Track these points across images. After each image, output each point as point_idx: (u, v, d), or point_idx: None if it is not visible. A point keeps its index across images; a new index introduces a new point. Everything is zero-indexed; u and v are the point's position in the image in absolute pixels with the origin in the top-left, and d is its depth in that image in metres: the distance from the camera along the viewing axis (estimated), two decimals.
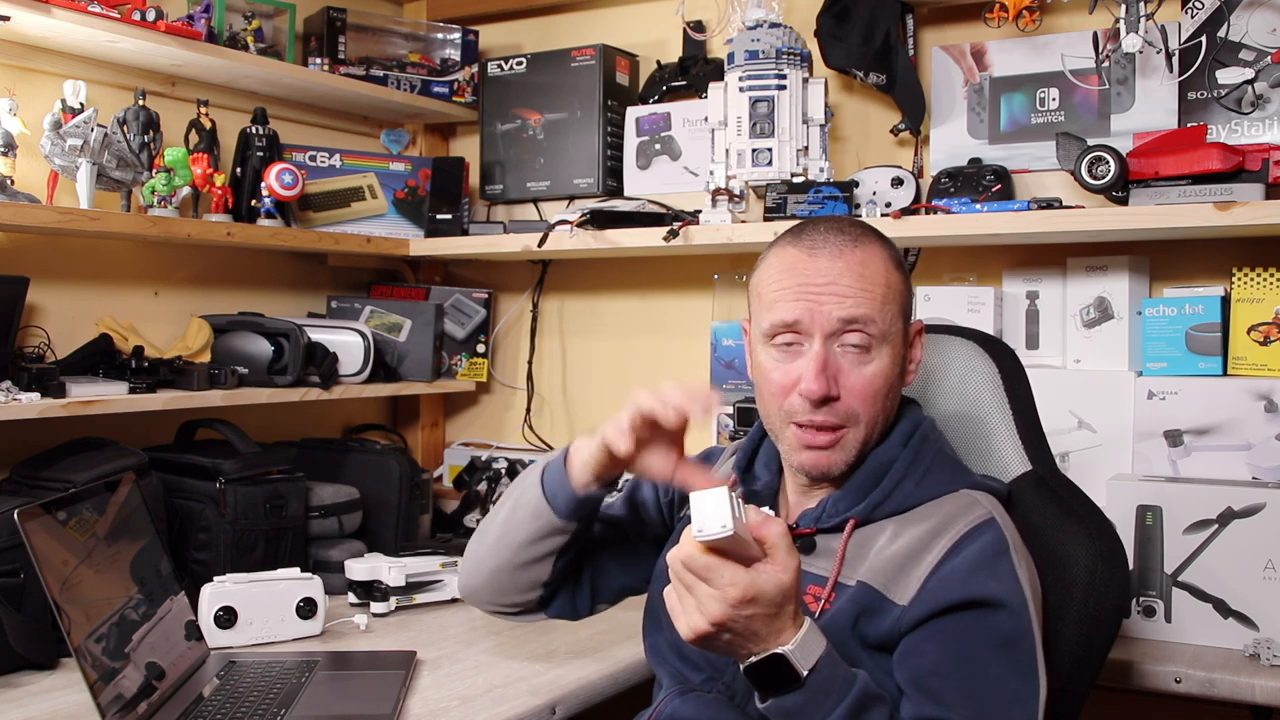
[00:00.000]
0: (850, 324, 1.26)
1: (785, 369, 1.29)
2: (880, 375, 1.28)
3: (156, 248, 2.24)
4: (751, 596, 1.06)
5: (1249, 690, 1.53)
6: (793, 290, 1.28)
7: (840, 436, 1.28)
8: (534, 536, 1.42)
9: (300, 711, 1.45)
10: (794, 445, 1.30)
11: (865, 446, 1.30)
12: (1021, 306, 2.08)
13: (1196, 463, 1.81)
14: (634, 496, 1.56)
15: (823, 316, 1.26)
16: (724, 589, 1.05)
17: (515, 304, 2.71)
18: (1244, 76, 1.86)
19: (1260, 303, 1.82)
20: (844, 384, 1.27)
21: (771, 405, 1.32)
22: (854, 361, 1.27)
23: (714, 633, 1.07)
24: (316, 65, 2.39)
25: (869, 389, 1.27)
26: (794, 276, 1.28)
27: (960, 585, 1.19)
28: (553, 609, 1.52)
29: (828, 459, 1.29)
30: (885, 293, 1.28)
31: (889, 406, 1.31)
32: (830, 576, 1.27)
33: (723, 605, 1.06)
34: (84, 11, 1.88)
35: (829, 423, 1.27)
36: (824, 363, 1.26)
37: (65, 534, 1.41)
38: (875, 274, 1.28)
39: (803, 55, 2.10)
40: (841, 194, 2.02)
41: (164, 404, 1.95)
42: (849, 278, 1.27)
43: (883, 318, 1.27)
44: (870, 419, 1.29)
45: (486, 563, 1.48)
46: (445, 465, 2.74)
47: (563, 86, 2.50)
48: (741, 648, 1.09)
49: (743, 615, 1.06)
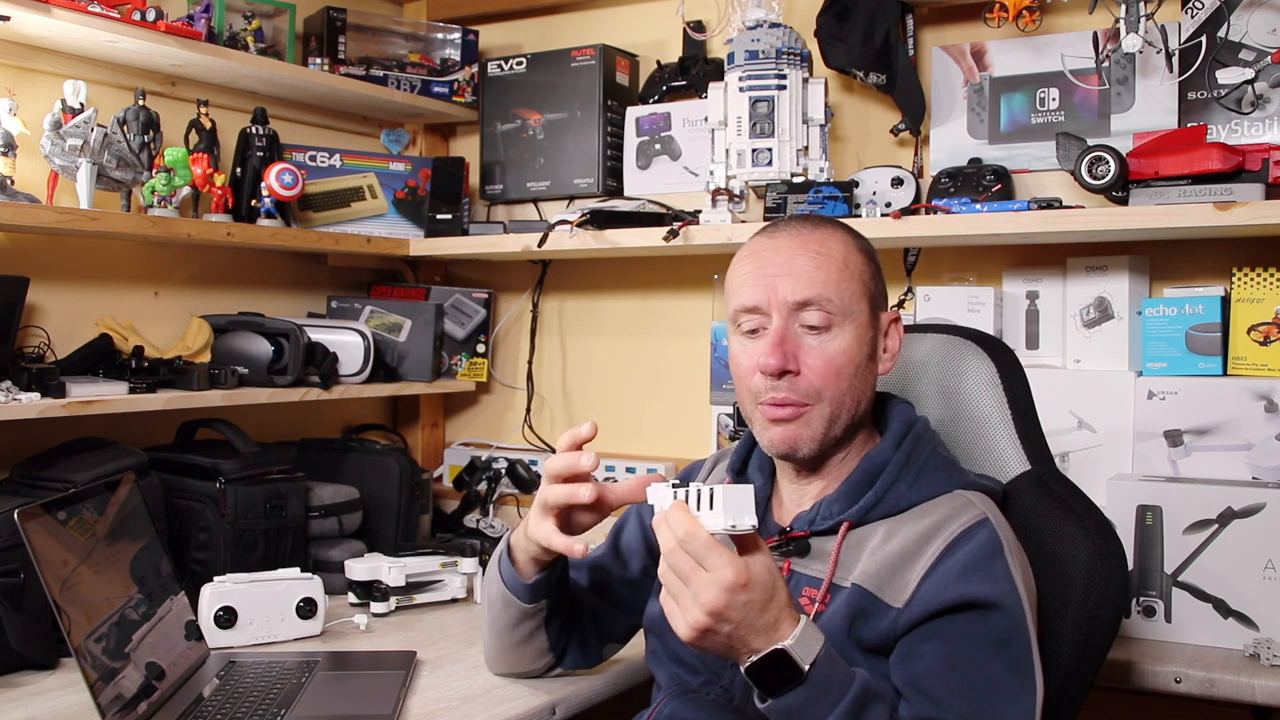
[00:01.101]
0: (806, 304, 1.28)
1: (749, 351, 1.31)
2: (842, 353, 1.29)
3: (156, 248, 2.24)
4: (745, 580, 1.07)
5: (1249, 690, 1.53)
6: (752, 275, 1.31)
7: (804, 411, 1.29)
8: (514, 621, 1.50)
9: (300, 711, 1.45)
10: (762, 425, 1.32)
11: (833, 427, 1.30)
12: (1021, 306, 2.08)
13: (1196, 463, 1.81)
14: (618, 542, 1.58)
15: (779, 296, 1.29)
16: (720, 570, 1.07)
17: (515, 304, 2.71)
18: (1244, 76, 1.86)
19: (1260, 303, 1.82)
20: (804, 361, 1.28)
21: (741, 391, 1.34)
22: (814, 339, 1.29)
23: (712, 625, 1.08)
24: (316, 65, 2.39)
25: (830, 366, 1.28)
26: (754, 262, 1.32)
27: (955, 587, 1.19)
28: (567, 663, 1.58)
29: (793, 433, 1.29)
30: (843, 271, 1.30)
31: (858, 387, 1.31)
32: (825, 579, 1.27)
33: (719, 591, 1.07)
34: (84, 11, 1.88)
35: (789, 399, 1.28)
36: (780, 337, 1.28)
37: (65, 534, 1.41)
38: (832, 253, 1.31)
39: (803, 55, 2.09)
40: (841, 194, 2.02)
41: (164, 404, 1.95)
42: (804, 257, 1.30)
43: (840, 295, 1.29)
44: (835, 396, 1.29)
45: (492, 645, 1.57)
46: (445, 465, 2.74)
47: (563, 86, 2.50)
48: (740, 643, 1.09)
49: (739, 601, 1.07)
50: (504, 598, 1.47)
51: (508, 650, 1.55)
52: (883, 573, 1.24)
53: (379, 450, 2.33)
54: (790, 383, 1.28)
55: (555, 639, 1.52)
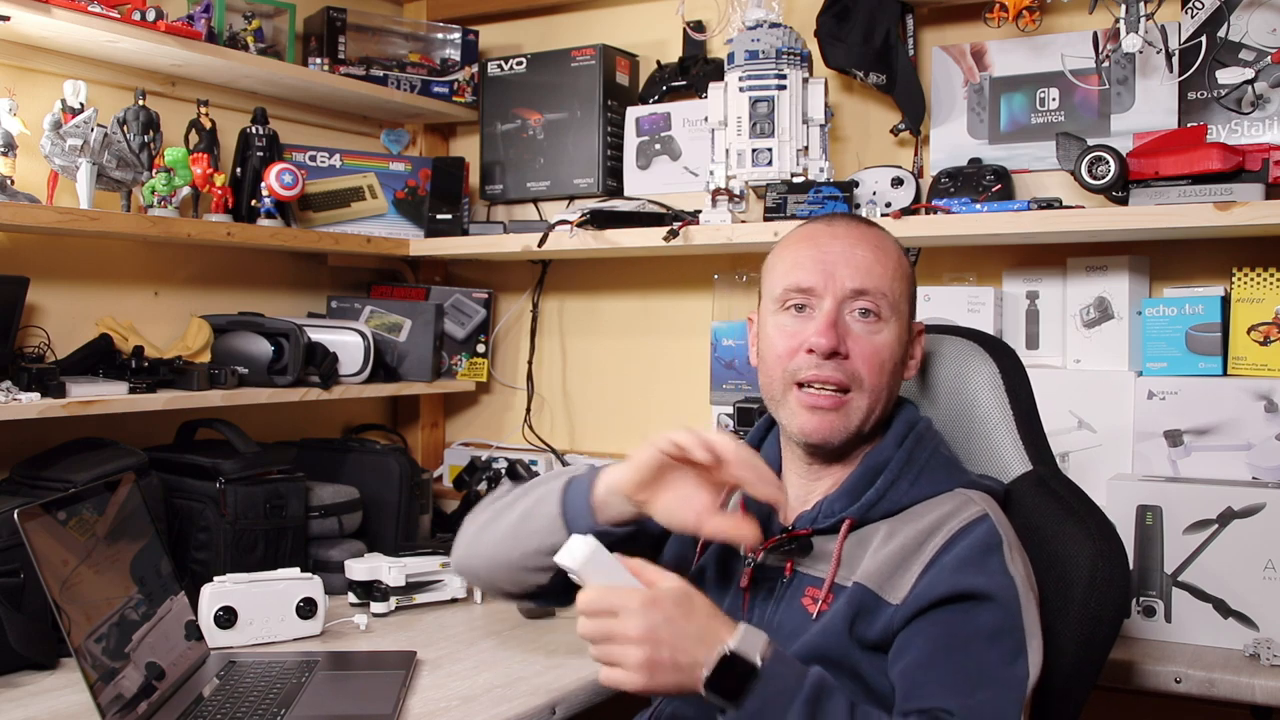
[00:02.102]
0: (862, 293, 1.30)
1: (793, 331, 1.32)
2: (887, 346, 1.31)
3: (156, 248, 2.24)
4: (653, 598, 1.11)
5: (1249, 690, 1.53)
6: (810, 257, 1.32)
7: (846, 401, 1.30)
8: (543, 550, 1.33)
9: (300, 711, 1.45)
10: (796, 409, 1.31)
11: (866, 421, 1.31)
12: (1021, 306, 2.08)
13: (1196, 463, 1.81)
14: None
15: (837, 282, 1.30)
16: (626, 602, 1.11)
17: (515, 304, 2.71)
18: (1244, 76, 1.86)
19: (1260, 303, 1.82)
20: (852, 348, 1.29)
21: (775, 370, 1.33)
22: (864, 328, 1.30)
23: (651, 653, 1.10)
24: (316, 65, 2.39)
25: (876, 356, 1.30)
26: (812, 246, 1.34)
27: (948, 579, 1.20)
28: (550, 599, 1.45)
29: (829, 423, 1.30)
30: (897, 270, 1.33)
31: (892, 385, 1.33)
32: (827, 578, 1.27)
33: (637, 618, 1.10)
34: (84, 11, 1.88)
35: (834, 379, 1.29)
36: (834, 319, 1.29)
37: (65, 534, 1.41)
38: (889, 252, 1.34)
39: (803, 55, 2.09)
40: (841, 194, 2.02)
41: (164, 404, 1.95)
42: (864, 249, 1.32)
43: (893, 292, 1.31)
44: (874, 389, 1.30)
45: (486, 550, 1.44)
46: (445, 465, 2.74)
47: (563, 86, 2.50)
48: (686, 658, 1.10)
49: (659, 618, 1.10)
50: (550, 524, 1.33)
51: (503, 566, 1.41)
52: (884, 571, 1.24)
53: (379, 450, 2.33)
54: (837, 364, 1.29)
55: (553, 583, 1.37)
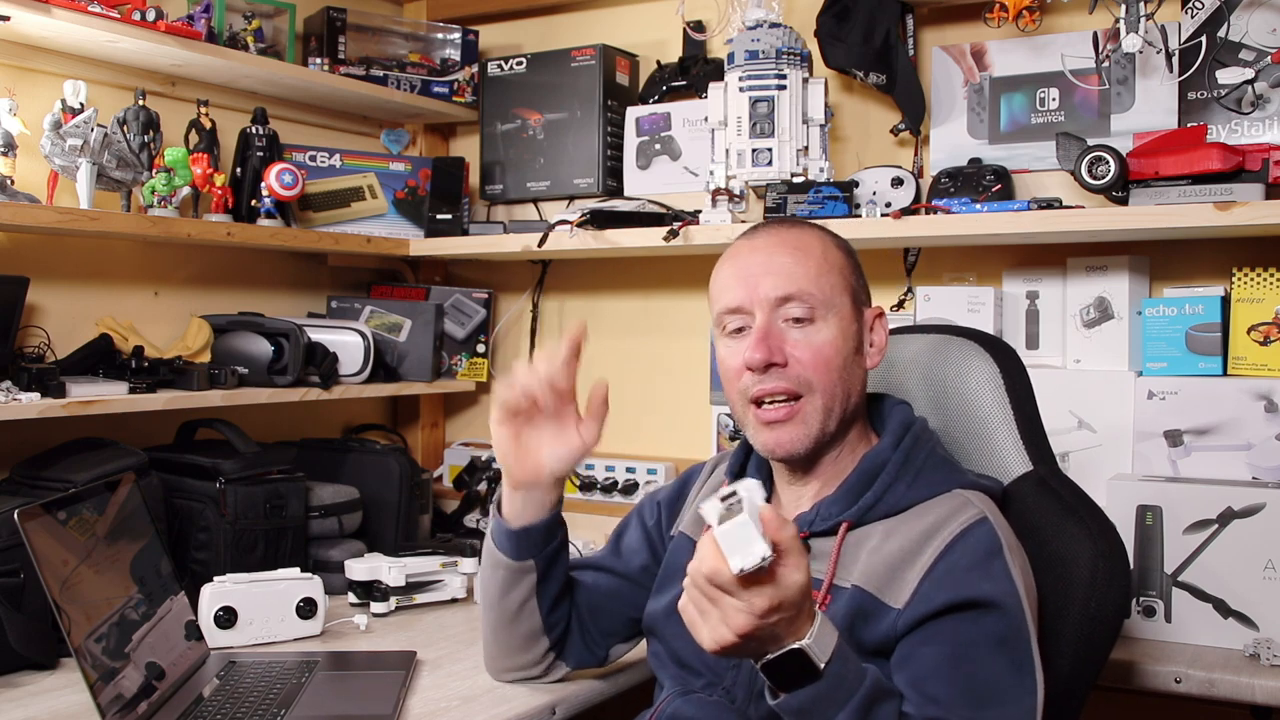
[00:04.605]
0: (788, 299, 1.30)
1: (735, 351, 1.32)
2: (828, 343, 1.30)
3: (156, 248, 2.24)
4: (777, 604, 1.03)
5: (1249, 690, 1.53)
6: (733, 275, 1.34)
7: (798, 409, 1.30)
8: (504, 587, 1.47)
9: (300, 712, 1.45)
10: (756, 427, 1.33)
11: (828, 421, 1.30)
12: (1021, 306, 2.08)
13: (1196, 463, 1.81)
14: (619, 544, 1.58)
15: (760, 294, 1.31)
16: (750, 601, 1.03)
17: (515, 304, 2.71)
18: (1244, 76, 1.86)
19: (1260, 303, 1.82)
20: (791, 353, 1.29)
21: (732, 393, 1.34)
22: (800, 332, 1.30)
23: (739, 643, 1.05)
24: (316, 65, 2.39)
25: (819, 356, 1.29)
26: (734, 264, 1.35)
27: (954, 586, 1.19)
28: (570, 658, 1.55)
29: (789, 434, 1.30)
30: (821, 265, 1.32)
31: (847, 380, 1.32)
32: (825, 580, 1.27)
33: (750, 618, 1.03)
34: (84, 11, 1.88)
35: (781, 388, 1.29)
36: (765, 332, 1.30)
37: (65, 534, 1.41)
38: (809, 248, 1.33)
39: (803, 55, 2.09)
40: (841, 194, 2.02)
41: (164, 404, 1.95)
42: (782, 254, 1.32)
43: (821, 288, 1.31)
44: (827, 388, 1.30)
45: (486, 631, 1.55)
46: (445, 465, 2.74)
47: (563, 86, 2.50)
48: (762, 649, 1.08)
49: (769, 623, 1.04)
50: (493, 560, 1.47)
51: (500, 630, 1.51)
52: (882, 573, 1.24)
53: (379, 450, 2.33)
54: (778, 374, 1.29)
55: (549, 615, 1.48)
